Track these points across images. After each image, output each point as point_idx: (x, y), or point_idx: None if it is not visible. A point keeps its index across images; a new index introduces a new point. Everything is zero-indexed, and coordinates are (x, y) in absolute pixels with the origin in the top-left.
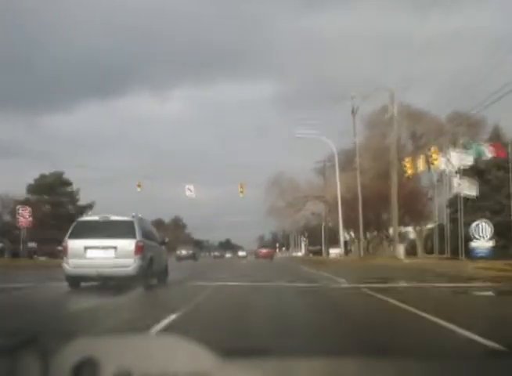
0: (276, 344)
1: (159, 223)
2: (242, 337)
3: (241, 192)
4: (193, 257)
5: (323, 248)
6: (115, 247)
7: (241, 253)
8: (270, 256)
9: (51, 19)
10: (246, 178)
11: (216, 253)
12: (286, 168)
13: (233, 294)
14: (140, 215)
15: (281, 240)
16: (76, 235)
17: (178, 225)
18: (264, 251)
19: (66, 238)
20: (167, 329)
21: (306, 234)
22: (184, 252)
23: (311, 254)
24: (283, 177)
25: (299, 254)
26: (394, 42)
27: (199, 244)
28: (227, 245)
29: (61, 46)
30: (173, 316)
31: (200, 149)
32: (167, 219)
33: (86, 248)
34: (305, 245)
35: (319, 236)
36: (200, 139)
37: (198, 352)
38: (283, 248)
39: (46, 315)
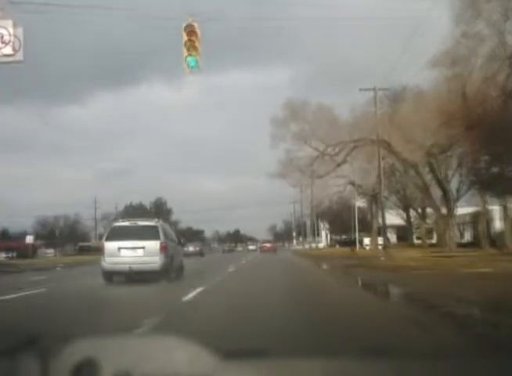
0: None
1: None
2: None
3: (189, 55)
4: (200, 253)
5: (357, 238)
6: (143, 247)
7: (251, 246)
8: (273, 250)
9: (63, 9)
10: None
11: (225, 247)
12: None
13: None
14: (161, 221)
15: (296, 229)
16: (111, 237)
17: (160, 209)
18: (267, 245)
19: (103, 240)
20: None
21: (328, 219)
22: (191, 249)
23: (337, 246)
24: (307, 108)
25: (320, 245)
26: None
27: (198, 236)
28: (236, 236)
29: (73, 35)
30: None
31: (211, 136)
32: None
33: (120, 248)
34: (326, 234)
35: (341, 223)
36: (213, 126)
37: (198, 353)
38: (300, 238)
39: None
